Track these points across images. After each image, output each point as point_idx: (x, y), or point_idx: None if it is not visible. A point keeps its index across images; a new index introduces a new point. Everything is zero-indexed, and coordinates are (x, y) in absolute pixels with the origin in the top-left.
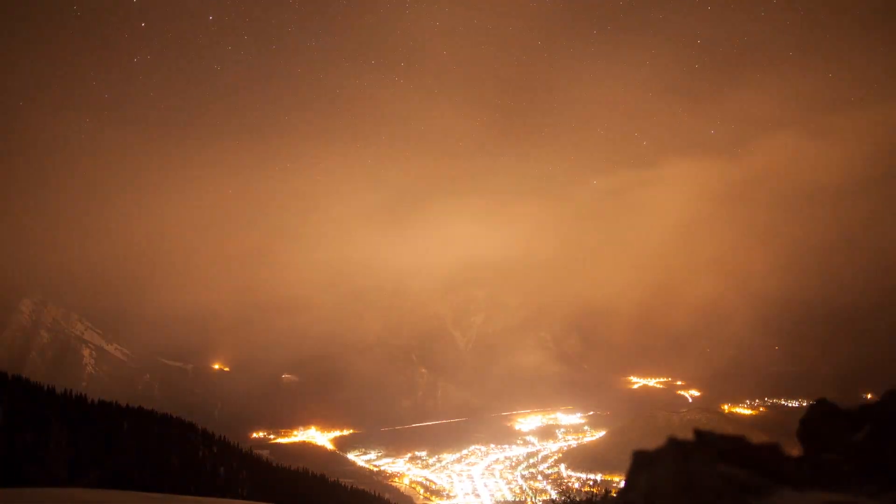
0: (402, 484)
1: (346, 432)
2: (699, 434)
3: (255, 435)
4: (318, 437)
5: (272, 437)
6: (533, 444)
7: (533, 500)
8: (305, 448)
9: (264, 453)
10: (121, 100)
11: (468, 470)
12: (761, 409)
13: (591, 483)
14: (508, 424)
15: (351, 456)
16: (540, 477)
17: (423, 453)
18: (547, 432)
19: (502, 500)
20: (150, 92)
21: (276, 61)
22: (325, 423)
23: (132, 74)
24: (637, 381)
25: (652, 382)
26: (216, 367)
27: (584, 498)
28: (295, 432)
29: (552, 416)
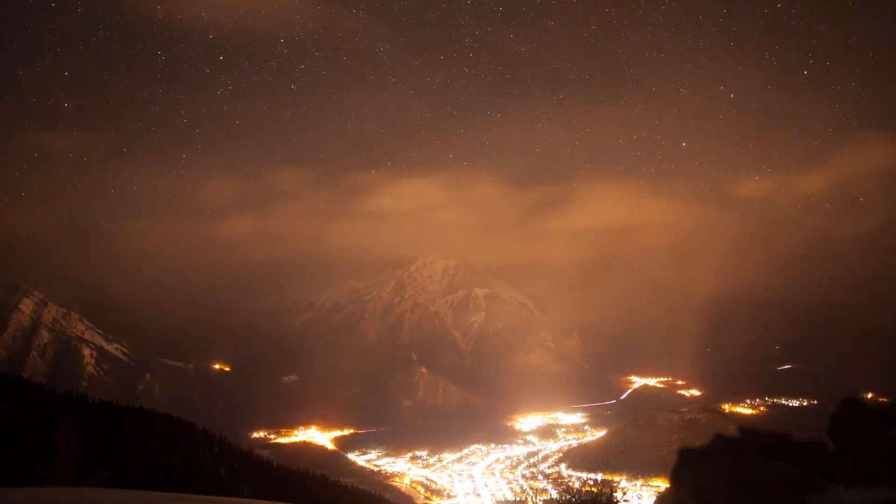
0: (403, 484)
1: (346, 432)
2: (744, 431)
3: (255, 435)
4: (319, 436)
5: (272, 436)
6: (533, 444)
7: (533, 499)
8: (306, 448)
9: (265, 453)
10: (209, 132)
11: (469, 470)
12: (762, 408)
13: (591, 483)
14: (509, 424)
15: (351, 456)
16: (540, 476)
17: (424, 453)
18: (547, 432)
19: (503, 499)
20: (236, 120)
21: (348, 72)
22: (326, 423)
23: (216, 106)
24: (637, 381)
25: (652, 382)
26: (216, 367)
27: (588, 498)
28: (295, 432)
29: (552, 415)
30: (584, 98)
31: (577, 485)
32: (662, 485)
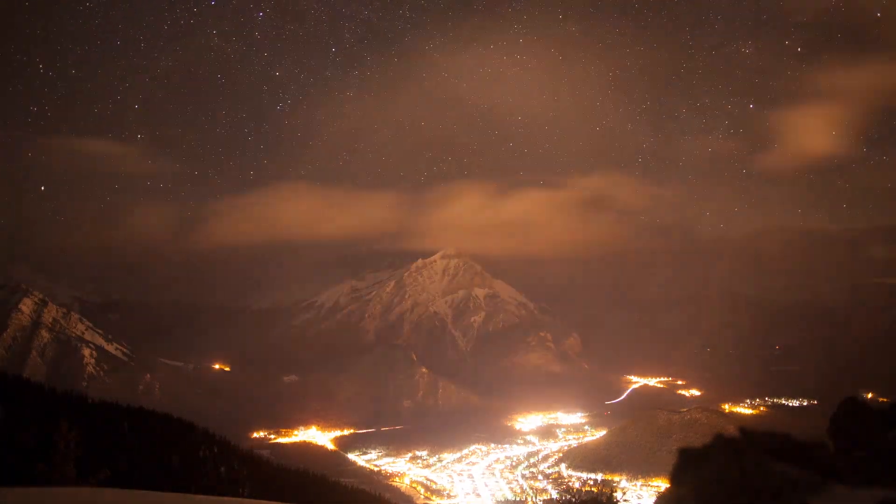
0: (403, 484)
1: (346, 432)
2: (744, 431)
3: (255, 435)
4: (319, 436)
5: (272, 436)
6: (533, 444)
7: (533, 499)
8: (306, 448)
9: (265, 453)
10: (274, 147)
11: (469, 469)
12: (762, 408)
13: (591, 483)
14: (509, 424)
15: (351, 456)
16: (540, 476)
17: (424, 453)
18: (547, 432)
19: (503, 499)
20: (298, 132)
21: (400, 72)
22: (326, 422)
23: (280, 121)
24: (637, 381)
25: (652, 382)
26: (216, 367)
27: (588, 498)
28: (295, 432)
29: (552, 415)
30: (641, 70)
31: (577, 485)
32: (662, 485)
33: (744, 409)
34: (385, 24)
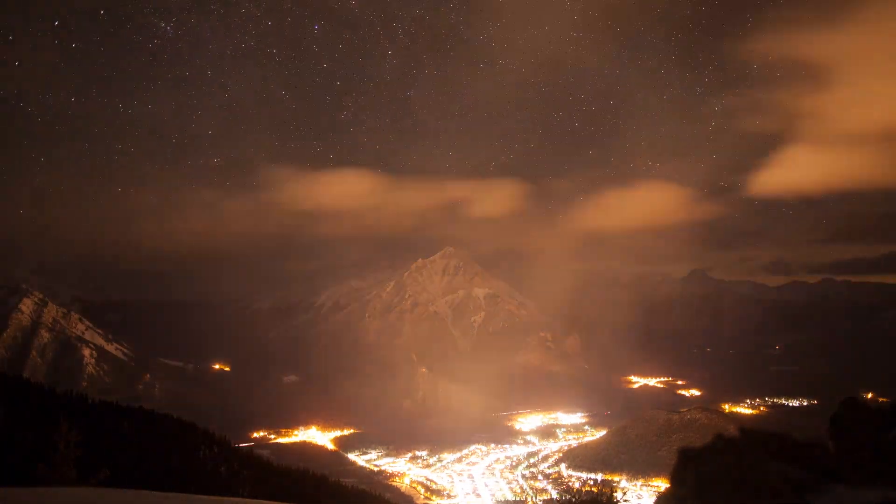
0: (403, 484)
1: (346, 432)
2: (744, 431)
3: (255, 435)
4: (319, 436)
5: (272, 436)
6: (533, 444)
7: (533, 499)
8: (306, 448)
9: (265, 453)
10: (340, 154)
11: (469, 469)
12: (762, 408)
13: (591, 483)
14: (509, 424)
15: (351, 456)
16: (540, 476)
17: (424, 453)
18: (547, 432)
19: (503, 499)
20: (363, 138)
21: (458, 65)
22: (326, 423)
23: (341, 125)
24: (637, 381)
25: (652, 382)
26: (216, 367)
27: (588, 498)
28: (295, 432)
29: (552, 415)
30: (704, 32)
31: (577, 485)
32: (662, 485)
33: (744, 409)
34: (437, 20)
